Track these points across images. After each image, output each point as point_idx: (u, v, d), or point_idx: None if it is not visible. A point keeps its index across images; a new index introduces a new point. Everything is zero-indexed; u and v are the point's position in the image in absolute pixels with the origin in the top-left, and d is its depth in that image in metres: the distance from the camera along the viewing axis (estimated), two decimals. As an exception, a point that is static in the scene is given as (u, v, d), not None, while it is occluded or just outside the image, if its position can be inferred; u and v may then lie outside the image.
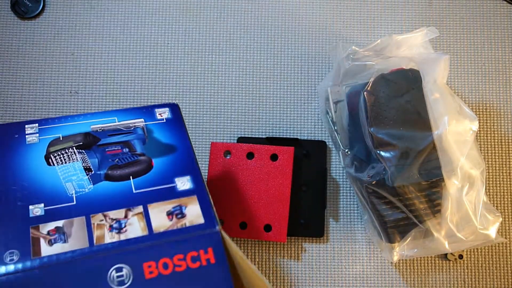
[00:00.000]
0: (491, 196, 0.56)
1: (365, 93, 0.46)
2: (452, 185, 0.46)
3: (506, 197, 0.56)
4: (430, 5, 0.60)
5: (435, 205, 0.47)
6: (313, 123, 0.57)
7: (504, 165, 0.57)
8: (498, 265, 0.55)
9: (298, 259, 0.55)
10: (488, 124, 0.58)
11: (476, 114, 0.57)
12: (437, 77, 0.47)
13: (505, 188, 0.56)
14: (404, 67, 0.48)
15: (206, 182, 0.52)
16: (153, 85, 0.58)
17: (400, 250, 0.48)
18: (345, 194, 0.56)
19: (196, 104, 0.58)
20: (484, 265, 0.55)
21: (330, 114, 0.54)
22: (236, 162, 0.53)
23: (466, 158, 0.46)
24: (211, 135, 0.57)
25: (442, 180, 0.46)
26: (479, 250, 0.55)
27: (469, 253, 0.55)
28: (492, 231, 0.46)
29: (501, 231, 0.56)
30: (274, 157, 0.53)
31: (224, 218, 0.52)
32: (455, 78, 0.59)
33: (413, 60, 0.48)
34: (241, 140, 0.56)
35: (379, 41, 0.49)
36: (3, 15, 0.59)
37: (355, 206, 0.56)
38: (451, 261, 0.55)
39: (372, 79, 0.47)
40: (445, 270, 0.55)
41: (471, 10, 0.60)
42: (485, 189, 0.49)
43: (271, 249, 0.55)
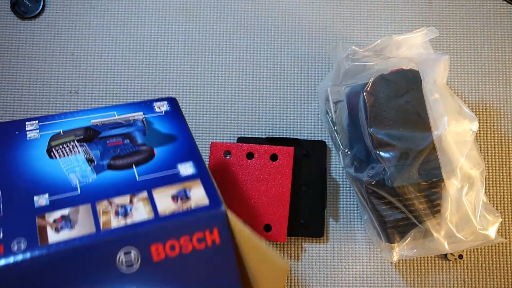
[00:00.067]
0: (491, 196, 0.56)
1: (364, 93, 0.46)
2: (451, 186, 0.46)
3: (506, 197, 0.56)
4: (430, 5, 0.60)
5: (434, 205, 0.47)
6: (313, 123, 0.57)
7: (504, 165, 0.57)
8: (498, 265, 0.55)
9: (298, 259, 0.55)
10: (488, 124, 0.58)
11: (476, 114, 0.57)
12: (437, 77, 0.47)
13: (505, 188, 0.56)
14: (404, 68, 0.48)
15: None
16: (153, 85, 0.58)
17: (399, 250, 0.48)
18: (345, 194, 0.56)
19: (196, 104, 0.58)
20: (484, 265, 0.55)
21: (330, 114, 0.54)
22: (236, 162, 0.53)
23: (465, 158, 0.46)
24: (211, 135, 0.57)
25: (441, 180, 0.46)
26: (479, 250, 0.55)
27: (469, 253, 0.55)
28: (491, 231, 0.46)
29: (501, 231, 0.56)
30: (274, 157, 0.53)
31: (224, 218, 0.52)
32: (455, 78, 0.59)
33: (413, 60, 0.48)
34: (241, 140, 0.56)
35: (379, 41, 0.49)
36: (3, 15, 0.59)
37: (355, 206, 0.56)
38: (451, 261, 0.55)
39: (371, 80, 0.47)
40: (445, 270, 0.55)
41: (471, 10, 0.60)
42: (485, 189, 0.49)
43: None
